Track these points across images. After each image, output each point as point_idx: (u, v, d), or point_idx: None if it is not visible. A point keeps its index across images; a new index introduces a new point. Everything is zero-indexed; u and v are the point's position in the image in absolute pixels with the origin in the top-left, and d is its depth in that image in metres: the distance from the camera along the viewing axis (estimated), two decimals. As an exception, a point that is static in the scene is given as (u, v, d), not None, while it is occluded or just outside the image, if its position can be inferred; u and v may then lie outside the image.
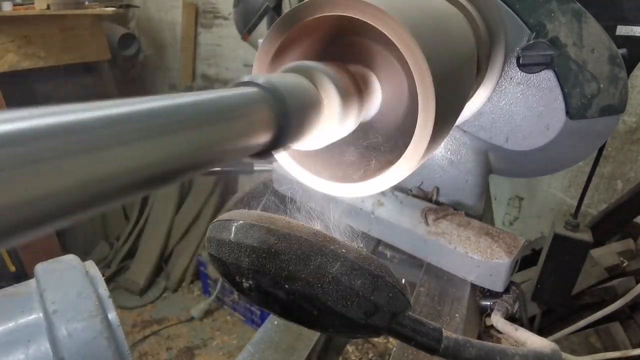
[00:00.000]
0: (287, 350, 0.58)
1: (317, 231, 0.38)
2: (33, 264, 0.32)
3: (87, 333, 0.25)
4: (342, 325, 0.37)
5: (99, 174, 0.19)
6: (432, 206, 0.78)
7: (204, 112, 0.25)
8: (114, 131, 0.20)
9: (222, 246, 0.38)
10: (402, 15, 0.36)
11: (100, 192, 0.20)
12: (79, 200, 0.19)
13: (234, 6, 1.68)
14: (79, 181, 0.18)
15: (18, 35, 2.43)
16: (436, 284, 0.71)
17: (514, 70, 0.67)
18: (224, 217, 0.41)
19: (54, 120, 0.18)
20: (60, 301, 0.27)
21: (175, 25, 3.20)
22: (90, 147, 0.19)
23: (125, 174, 0.20)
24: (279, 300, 0.37)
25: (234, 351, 2.51)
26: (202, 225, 2.97)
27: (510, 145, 0.73)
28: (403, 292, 0.39)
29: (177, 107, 0.24)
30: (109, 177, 0.20)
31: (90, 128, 0.19)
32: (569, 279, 0.94)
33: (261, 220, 0.38)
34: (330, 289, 0.36)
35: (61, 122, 0.18)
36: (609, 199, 1.86)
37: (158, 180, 0.23)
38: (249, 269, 0.36)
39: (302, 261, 0.36)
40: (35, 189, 0.17)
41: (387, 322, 0.38)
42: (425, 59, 0.36)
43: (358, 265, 0.37)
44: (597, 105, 0.66)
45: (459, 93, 0.47)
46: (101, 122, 0.20)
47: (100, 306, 0.27)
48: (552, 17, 0.64)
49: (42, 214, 0.17)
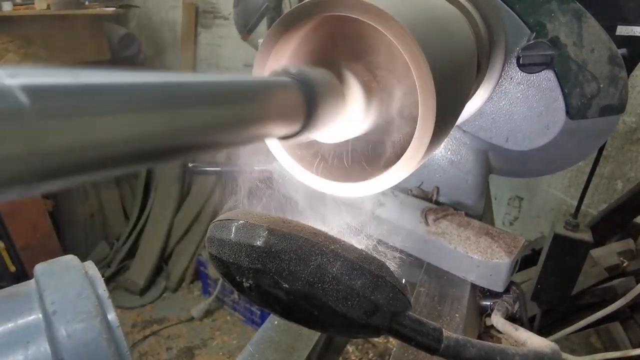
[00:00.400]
0: (287, 350, 0.58)
1: (318, 231, 0.38)
2: (33, 264, 0.32)
3: (87, 334, 0.25)
4: (342, 325, 0.37)
5: (141, 132, 0.21)
6: (432, 206, 0.78)
7: (244, 90, 0.29)
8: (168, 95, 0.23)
9: (223, 246, 0.38)
10: (402, 16, 0.36)
11: (139, 150, 0.22)
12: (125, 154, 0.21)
13: (234, 6, 1.68)
14: (130, 134, 0.21)
15: (18, 35, 2.43)
16: (436, 284, 0.71)
17: (514, 70, 0.67)
18: (224, 216, 0.40)
19: (110, 79, 0.21)
20: (59, 302, 0.27)
21: (175, 25, 3.20)
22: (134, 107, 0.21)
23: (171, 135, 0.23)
24: (279, 300, 0.37)
25: (234, 351, 2.51)
26: (202, 225, 2.97)
27: (510, 145, 0.73)
28: (403, 292, 0.39)
29: (219, 84, 0.27)
30: (155, 136, 0.22)
31: (135, 90, 0.22)
32: (569, 279, 0.94)
33: (261, 220, 0.38)
34: (331, 288, 0.35)
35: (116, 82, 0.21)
36: (609, 199, 1.86)
37: (203, 147, 0.26)
38: (249, 269, 0.36)
39: (302, 261, 0.36)
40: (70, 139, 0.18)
41: (388, 322, 0.38)
42: (425, 59, 0.36)
43: (358, 265, 0.37)
44: (597, 105, 0.66)
45: (459, 93, 0.47)
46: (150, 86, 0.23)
47: (100, 307, 0.27)
48: (552, 17, 0.64)
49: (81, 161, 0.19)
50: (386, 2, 0.37)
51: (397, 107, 0.51)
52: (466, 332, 0.63)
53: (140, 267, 3.01)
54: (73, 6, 2.60)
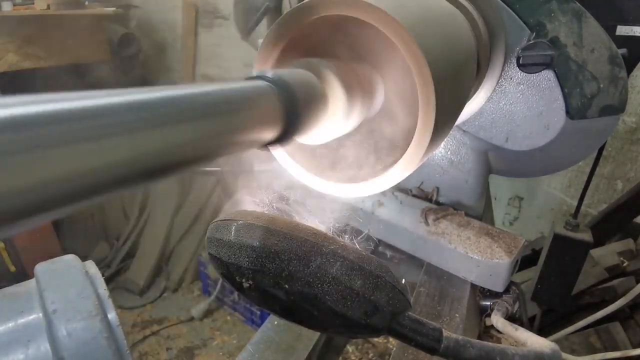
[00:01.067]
0: (287, 350, 0.58)
1: (317, 231, 0.38)
2: (33, 264, 0.32)
3: (87, 333, 0.25)
4: (342, 325, 0.37)
5: (105, 161, 0.19)
6: (432, 206, 0.78)
7: (214, 103, 0.26)
8: (122, 119, 0.20)
9: (222, 246, 0.38)
10: (403, 16, 0.36)
11: (106, 180, 0.20)
12: (83, 188, 0.19)
13: (234, 6, 1.68)
14: (84, 168, 0.18)
15: (18, 35, 2.43)
16: (436, 284, 0.71)
17: (514, 70, 0.67)
18: (223, 216, 0.40)
19: (61, 107, 0.18)
20: (60, 301, 0.27)
21: (175, 25, 3.20)
22: (97, 134, 0.19)
23: (134, 162, 0.20)
24: (279, 301, 0.37)
25: (234, 351, 2.51)
26: (202, 225, 2.97)
27: (510, 145, 0.73)
28: (403, 292, 0.39)
29: (186, 97, 0.24)
30: (116, 164, 0.20)
31: (97, 115, 0.19)
32: (569, 279, 0.94)
33: (261, 220, 0.38)
34: (331, 289, 0.35)
35: (70, 108, 0.18)
36: (609, 199, 1.86)
37: (168, 170, 0.23)
38: (249, 269, 0.36)
39: (302, 261, 0.36)
40: (38, 175, 0.16)
41: (387, 322, 0.38)
42: (425, 59, 0.36)
43: (358, 265, 0.37)
44: (597, 105, 0.66)
45: (459, 93, 0.47)
46: (109, 109, 0.20)
47: (100, 306, 0.27)
48: (552, 17, 0.64)
49: (45, 200, 0.17)
50: (387, 2, 0.37)
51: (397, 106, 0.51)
52: (466, 332, 0.63)
53: (140, 267, 3.01)
54: (73, 6, 2.60)
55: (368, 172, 0.46)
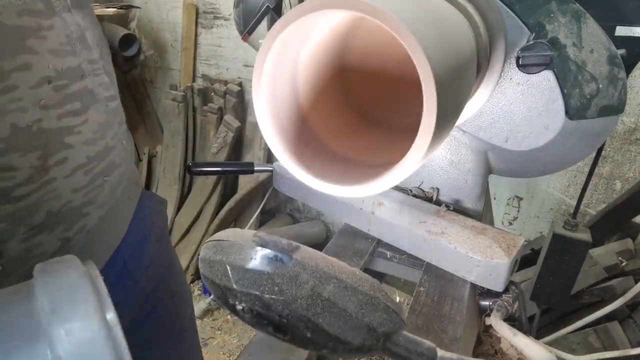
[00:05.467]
0: (287, 350, 0.58)
1: (311, 251, 0.38)
2: (32, 263, 0.32)
3: (85, 332, 0.25)
4: (335, 346, 0.37)
5: None
6: (434, 207, 0.78)
7: None
8: None
9: (214, 267, 0.37)
10: (403, 16, 0.36)
11: None
12: None
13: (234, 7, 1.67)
14: None
15: (18, 35, 2.43)
16: (436, 284, 0.71)
17: (514, 70, 0.67)
18: (216, 236, 0.40)
19: None
20: (59, 300, 0.27)
21: (175, 25, 3.20)
22: None
23: None
24: (272, 322, 0.37)
25: (235, 350, 2.51)
26: (202, 225, 2.97)
27: (510, 146, 0.73)
28: (397, 311, 0.38)
29: None
30: None
31: None
32: (568, 278, 0.94)
33: (254, 241, 0.37)
34: (324, 312, 0.35)
35: None
36: (608, 199, 1.86)
37: None
38: (241, 292, 0.36)
39: (294, 284, 0.35)
40: None
41: (382, 342, 0.37)
42: (427, 60, 0.36)
43: (351, 286, 0.36)
44: (596, 105, 0.66)
45: (460, 94, 0.47)
46: None
47: (99, 306, 0.27)
48: (552, 17, 0.64)
49: None
50: (387, 2, 0.37)
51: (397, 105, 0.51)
52: (466, 332, 0.63)
53: (139, 267, 3.01)
54: (73, 6, 2.60)
55: (368, 171, 0.46)
